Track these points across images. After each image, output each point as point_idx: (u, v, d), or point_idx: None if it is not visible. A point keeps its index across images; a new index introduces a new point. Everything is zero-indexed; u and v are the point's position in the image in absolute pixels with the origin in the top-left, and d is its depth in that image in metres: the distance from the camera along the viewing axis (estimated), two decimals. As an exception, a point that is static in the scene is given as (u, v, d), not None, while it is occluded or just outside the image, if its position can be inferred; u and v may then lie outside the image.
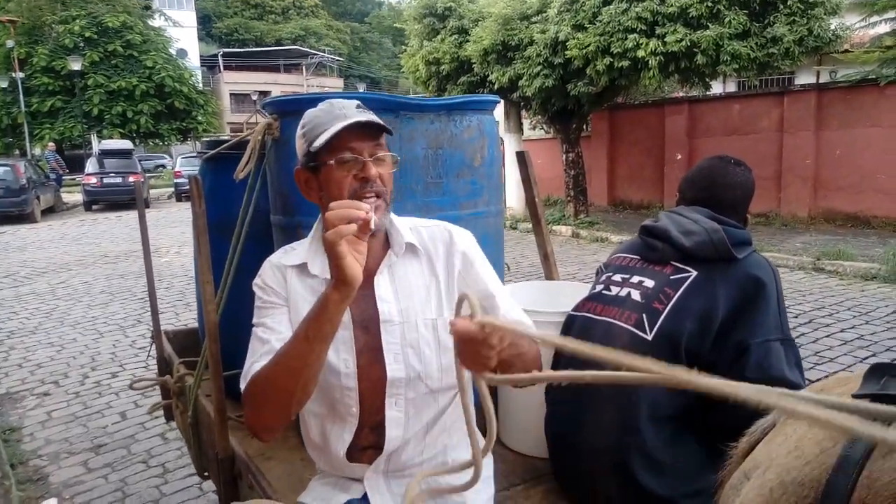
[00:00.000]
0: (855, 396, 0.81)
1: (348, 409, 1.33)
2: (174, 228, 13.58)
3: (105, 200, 19.31)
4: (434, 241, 1.41)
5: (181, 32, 35.87)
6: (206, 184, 2.31)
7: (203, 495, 3.36)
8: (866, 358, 4.91)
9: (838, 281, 7.47)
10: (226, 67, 46.49)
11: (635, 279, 1.59)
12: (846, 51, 11.40)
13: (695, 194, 1.71)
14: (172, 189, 21.86)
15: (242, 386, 1.27)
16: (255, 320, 1.37)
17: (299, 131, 1.33)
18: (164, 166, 34.50)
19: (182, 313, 6.93)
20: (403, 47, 14.44)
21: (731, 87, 16.56)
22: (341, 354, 1.33)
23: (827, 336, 5.45)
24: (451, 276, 1.38)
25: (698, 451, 1.48)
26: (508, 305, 1.40)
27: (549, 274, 2.19)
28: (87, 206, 19.31)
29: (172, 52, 30.71)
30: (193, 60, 39.64)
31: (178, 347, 2.64)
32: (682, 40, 9.06)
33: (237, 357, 1.78)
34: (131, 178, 19.07)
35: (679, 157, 12.91)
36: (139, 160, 21.17)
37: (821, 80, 13.98)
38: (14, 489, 3.34)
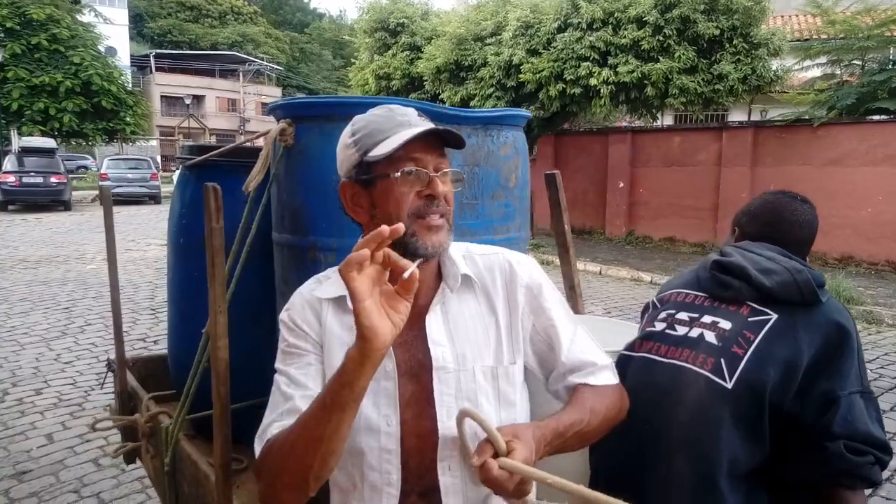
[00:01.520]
0: None
1: (387, 477, 1.11)
2: (100, 234, 12.70)
3: (23, 201, 18.22)
4: (492, 272, 1.22)
5: (112, 30, 34.39)
6: (189, 195, 2.06)
7: (145, 532, 3.04)
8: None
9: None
10: (158, 69, 44.86)
11: (707, 319, 1.45)
12: (782, 91, 11.95)
13: (758, 229, 1.59)
14: (97, 192, 20.75)
15: (257, 449, 1.08)
16: (278, 364, 1.16)
17: (349, 139, 1.15)
18: (86, 167, 32.93)
19: (111, 327, 6.44)
20: (345, 60, 14.29)
21: (668, 121, 17.12)
22: (382, 410, 1.12)
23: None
24: (513, 314, 1.20)
25: None
26: (570, 342, 1.21)
27: (575, 307, 2.04)
28: (3, 206, 18.11)
29: (101, 49, 29.33)
30: (123, 59, 38.01)
31: (138, 377, 2.34)
32: (633, 71, 9.26)
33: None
34: (53, 179, 18.06)
35: (621, 184, 13.17)
36: (61, 160, 20.08)
37: (752, 119, 14.60)
38: (-77, 528, 2.93)
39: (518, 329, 1.20)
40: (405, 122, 1.11)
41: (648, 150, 12.96)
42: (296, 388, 1.10)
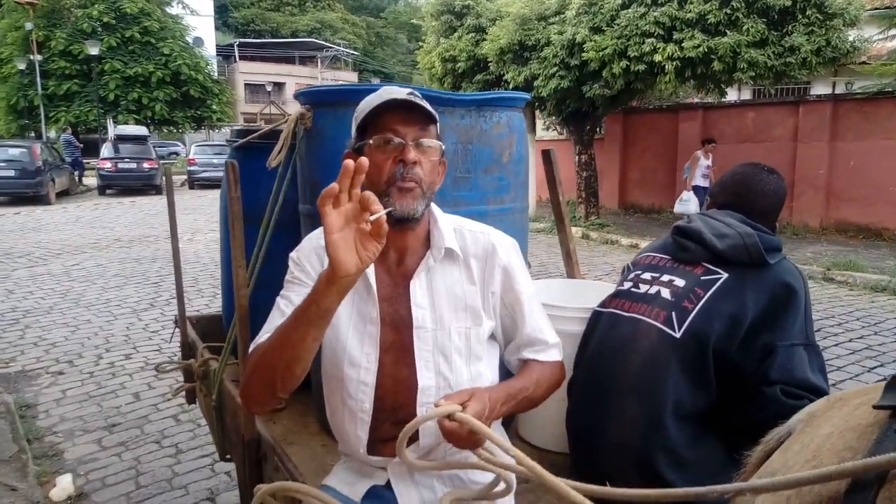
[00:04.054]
0: (876, 407, 0.79)
1: (360, 404, 1.34)
2: (187, 215, 13.65)
3: (119, 185, 19.43)
4: (476, 247, 1.41)
5: (198, 21, 35.97)
6: (236, 171, 2.36)
7: (215, 476, 3.42)
8: (874, 368, 4.93)
9: (848, 291, 7.47)
10: (241, 57, 46.57)
11: (665, 277, 1.61)
12: (863, 63, 11.37)
13: (726, 199, 1.74)
14: (185, 176, 21.91)
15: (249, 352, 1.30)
16: (282, 292, 1.35)
17: (354, 114, 1.36)
18: (177, 153, 34.61)
19: (194, 299, 6.99)
20: (419, 44, 14.49)
21: (746, 95, 16.54)
22: (365, 348, 1.34)
23: (835, 345, 5.47)
24: (488, 287, 1.39)
25: (719, 451, 1.50)
26: (532, 320, 1.42)
27: (571, 272, 2.22)
28: (102, 190, 19.38)
29: (189, 40, 30.83)
30: (209, 49, 39.70)
31: (200, 333, 2.69)
32: (699, 46, 9.06)
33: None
34: (146, 164, 19.19)
35: (692, 162, 12.88)
36: (153, 147, 21.29)
37: (837, 91, 13.93)
38: (31, 463, 3.41)
39: (490, 300, 1.40)
40: (389, 99, 1.28)
41: (721, 126, 12.61)
42: (293, 309, 1.26)
